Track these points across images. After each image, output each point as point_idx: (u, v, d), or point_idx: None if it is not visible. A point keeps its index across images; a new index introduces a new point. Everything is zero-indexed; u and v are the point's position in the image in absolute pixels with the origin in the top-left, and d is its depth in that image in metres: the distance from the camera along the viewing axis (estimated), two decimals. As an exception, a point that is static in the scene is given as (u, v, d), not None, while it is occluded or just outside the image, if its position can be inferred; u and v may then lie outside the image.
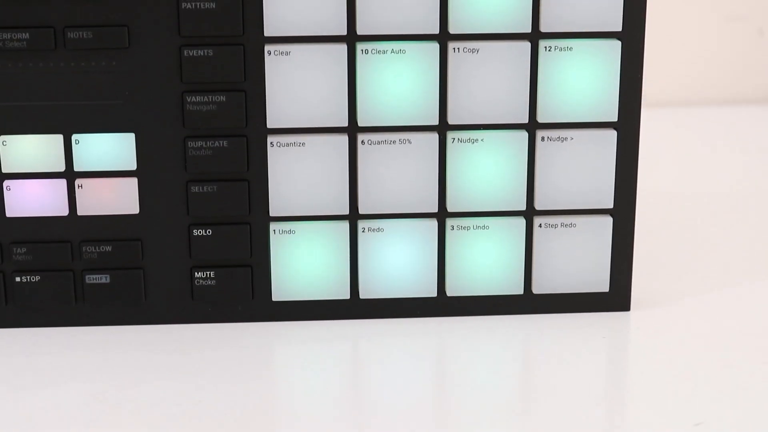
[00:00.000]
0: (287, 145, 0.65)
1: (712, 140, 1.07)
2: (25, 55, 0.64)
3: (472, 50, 0.64)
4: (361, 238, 0.67)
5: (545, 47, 0.65)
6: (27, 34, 0.63)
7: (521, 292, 0.68)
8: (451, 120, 0.65)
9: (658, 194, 0.89)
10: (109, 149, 0.65)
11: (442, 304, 0.68)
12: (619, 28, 0.65)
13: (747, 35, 1.17)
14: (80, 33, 0.63)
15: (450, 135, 0.66)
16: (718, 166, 0.99)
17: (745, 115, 1.14)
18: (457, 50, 0.64)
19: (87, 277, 0.66)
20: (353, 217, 0.67)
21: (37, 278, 0.66)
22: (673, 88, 1.17)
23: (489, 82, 0.65)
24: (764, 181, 0.96)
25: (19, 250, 0.66)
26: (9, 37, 0.63)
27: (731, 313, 0.69)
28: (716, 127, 1.11)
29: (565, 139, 0.66)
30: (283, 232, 0.66)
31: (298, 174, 0.66)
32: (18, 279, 0.66)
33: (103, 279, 0.66)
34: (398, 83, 0.65)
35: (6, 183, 0.65)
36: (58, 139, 0.65)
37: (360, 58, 0.64)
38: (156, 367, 0.63)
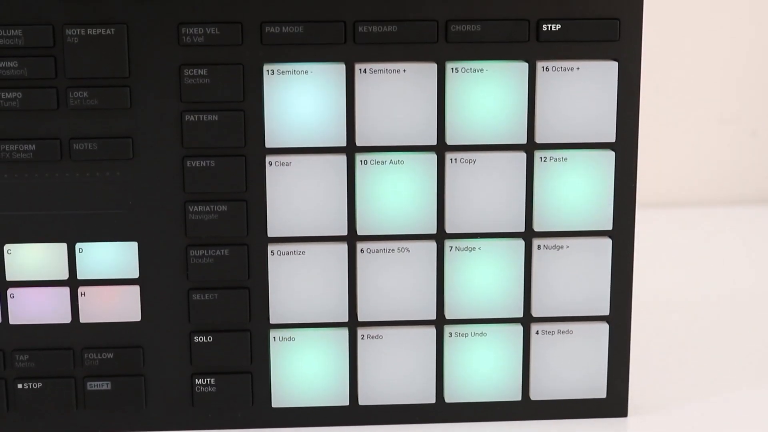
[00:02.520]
0: (287, 253, 0.66)
1: (707, 241, 1.08)
2: (31, 166, 0.65)
3: (469, 161, 0.66)
4: (361, 345, 0.67)
5: (541, 158, 0.66)
6: (33, 146, 0.65)
7: (519, 398, 0.69)
8: (449, 229, 0.66)
9: (655, 298, 0.90)
10: (112, 257, 0.66)
11: (440, 411, 0.69)
12: (613, 139, 0.66)
13: (740, 136, 1.19)
14: (86, 144, 0.65)
15: (448, 243, 0.67)
16: (713, 268, 1.00)
17: (739, 216, 1.16)
18: (454, 161, 0.66)
19: (88, 384, 0.67)
20: (353, 324, 0.68)
21: (39, 385, 0.67)
22: (667, 188, 1.18)
23: (486, 191, 0.66)
24: (760, 282, 0.96)
25: (21, 357, 0.67)
26: (16, 148, 0.64)
27: (730, 420, 0.70)
28: (711, 228, 1.12)
29: (561, 247, 0.67)
30: (283, 339, 0.67)
31: (298, 282, 0.67)
32: (20, 386, 0.67)
33: (105, 386, 0.67)
34: (397, 193, 0.66)
35: (10, 291, 0.66)
36: (62, 247, 0.66)
37: (359, 168, 0.65)
38: (156, 475, 0.64)
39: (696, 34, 1.14)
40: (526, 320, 0.68)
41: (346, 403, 0.68)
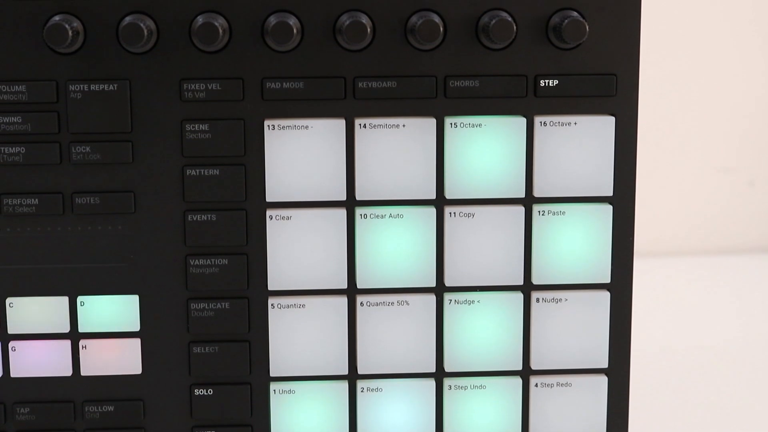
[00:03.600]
0: (288, 306, 0.67)
1: (705, 291, 1.09)
2: (33, 220, 0.65)
3: (468, 214, 0.66)
4: (360, 397, 0.68)
5: (539, 211, 0.67)
6: (36, 200, 0.65)
7: (518, 451, 0.69)
8: (448, 282, 0.67)
9: (654, 349, 0.90)
10: (114, 311, 0.67)
11: (440, 463, 0.69)
12: (611, 193, 0.67)
13: (738, 186, 1.19)
14: (88, 198, 0.65)
15: (447, 297, 0.67)
16: (712, 318, 1.00)
17: (737, 265, 1.16)
18: (453, 214, 0.66)
19: (89, 437, 0.67)
20: (352, 376, 0.68)
21: (40, 438, 0.67)
22: (664, 238, 1.19)
23: (485, 245, 0.67)
24: (759, 331, 0.97)
25: (22, 410, 0.67)
26: (19, 202, 0.65)
27: (727, 472, 0.70)
28: (709, 277, 1.13)
29: (560, 300, 0.67)
30: (283, 392, 0.67)
31: (299, 335, 0.67)
32: (21, 439, 0.67)
33: (105, 439, 0.67)
34: (396, 246, 0.66)
35: (12, 344, 0.67)
36: (64, 300, 0.66)
37: (359, 222, 0.66)
38: None
39: (693, 84, 1.15)
40: (525, 373, 0.68)
41: (346, 455, 0.69)
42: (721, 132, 1.17)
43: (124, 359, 0.67)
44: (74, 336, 0.67)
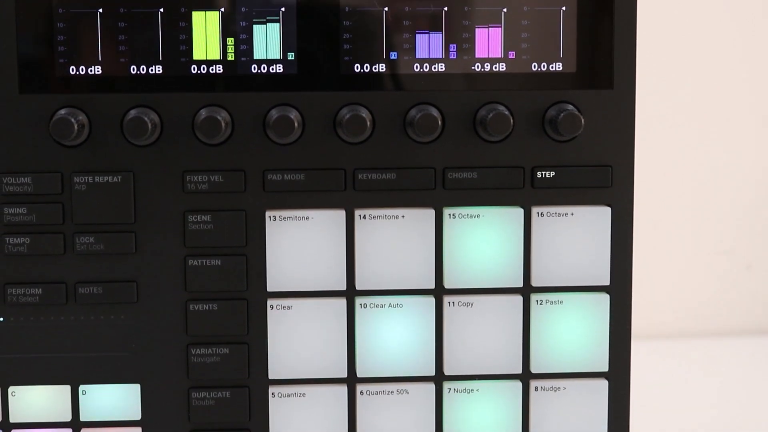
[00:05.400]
0: (288, 395, 0.67)
1: (702, 373, 1.09)
2: (37, 309, 0.66)
3: (467, 304, 0.67)
4: (360, 486, 0.68)
5: (537, 301, 0.67)
6: (40, 290, 0.66)
7: None
8: (447, 371, 0.67)
9: (652, 434, 0.90)
10: (115, 400, 0.67)
11: None
12: (608, 282, 0.68)
13: (735, 269, 1.20)
14: (91, 288, 0.66)
15: (446, 385, 0.68)
16: (709, 400, 1.00)
17: (735, 348, 1.16)
18: (452, 304, 0.67)
19: None
20: (352, 464, 0.68)
21: None
22: (662, 320, 1.19)
23: (483, 334, 0.67)
24: (757, 414, 0.97)
25: (23, 499, 0.67)
26: (23, 292, 0.66)
27: None
28: (706, 360, 1.13)
29: (558, 389, 0.68)
30: (284, 481, 0.68)
31: (299, 423, 0.67)
32: None
33: None
34: (396, 335, 0.67)
35: (13, 433, 0.67)
36: (66, 390, 0.67)
37: (359, 311, 0.67)
38: None
39: (689, 167, 1.17)
40: (525, 461, 0.69)
41: None
42: (718, 215, 1.18)
43: (125, 448, 0.68)
44: (76, 425, 0.67)
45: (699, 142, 1.16)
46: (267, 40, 0.65)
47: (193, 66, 0.65)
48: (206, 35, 0.65)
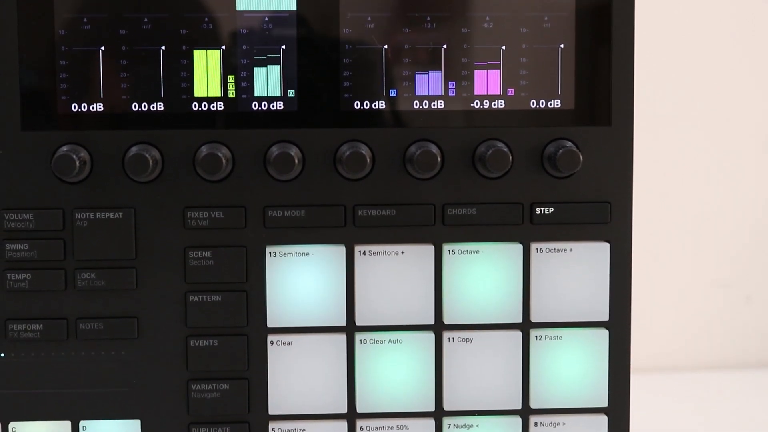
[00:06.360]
0: (288, 431, 0.67)
1: (702, 406, 1.09)
2: (38, 345, 0.66)
3: (466, 339, 0.67)
4: None
5: (536, 336, 0.68)
6: (41, 325, 0.66)
7: None
8: (447, 406, 0.68)
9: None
10: (115, 435, 0.67)
11: None
12: (606, 318, 0.68)
13: (734, 301, 1.20)
14: (92, 324, 0.66)
15: (446, 421, 0.68)
16: (710, 435, 1.00)
17: (734, 381, 1.16)
18: (451, 339, 0.67)
19: None
20: (352, 501, 0.68)
21: None
22: (661, 353, 1.19)
23: (483, 369, 0.67)
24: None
25: None
26: (24, 328, 0.66)
27: None
28: (705, 393, 1.13)
29: (557, 424, 0.68)
30: None
31: (299, 459, 0.68)
32: None
33: None
34: (395, 371, 0.67)
35: (13, 468, 0.67)
36: (66, 425, 0.67)
37: (359, 347, 0.67)
38: None
39: (688, 201, 1.17)
40: (525, 497, 0.69)
41: None
42: (717, 247, 1.19)
43: (125, 484, 0.68)
44: (76, 460, 0.67)
45: (698, 174, 1.16)
46: (267, 78, 0.65)
47: (194, 103, 0.65)
48: (207, 73, 0.65)
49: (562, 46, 0.66)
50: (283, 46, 0.65)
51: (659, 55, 1.12)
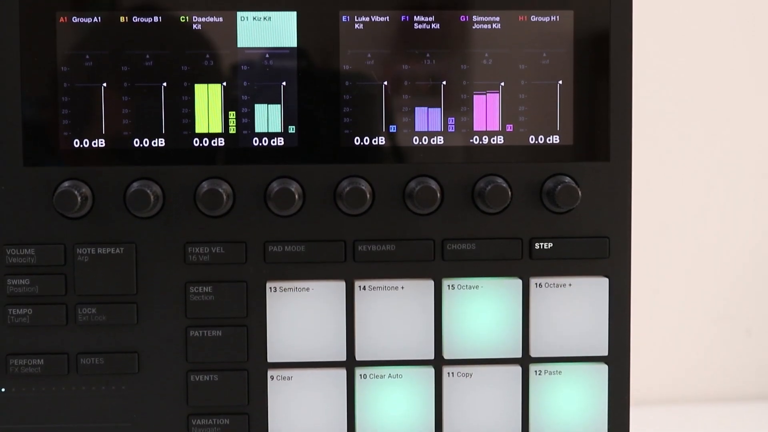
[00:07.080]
0: (288, 466, 0.68)
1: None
2: (38, 380, 0.66)
3: (466, 374, 0.67)
4: None
5: (535, 371, 0.68)
6: (41, 360, 0.66)
7: None
8: (447, 441, 0.68)
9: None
10: (116, 470, 0.67)
11: None
12: (606, 353, 0.68)
13: (734, 335, 1.20)
14: (92, 359, 0.66)
15: (446, 456, 0.68)
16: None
17: (734, 413, 1.16)
18: (451, 374, 0.67)
19: None
20: None
21: None
22: (660, 385, 1.19)
23: (482, 404, 0.68)
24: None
25: None
26: (24, 363, 0.66)
27: None
28: (705, 426, 1.13)
29: (557, 459, 0.68)
30: None
31: (299, 494, 0.68)
32: None
33: None
34: (395, 405, 0.67)
35: (12, 497, 0.67)
36: (67, 460, 0.67)
37: (359, 382, 0.67)
38: None
39: (687, 234, 1.17)
40: None
41: None
42: (717, 280, 1.19)
43: None
44: (76, 494, 0.67)
45: (697, 207, 1.17)
46: (268, 114, 0.66)
47: (195, 139, 0.66)
48: (208, 108, 0.66)
49: (560, 82, 0.67)
50: (284, 83, 0.66)
51: (657, 89, 1.12)
